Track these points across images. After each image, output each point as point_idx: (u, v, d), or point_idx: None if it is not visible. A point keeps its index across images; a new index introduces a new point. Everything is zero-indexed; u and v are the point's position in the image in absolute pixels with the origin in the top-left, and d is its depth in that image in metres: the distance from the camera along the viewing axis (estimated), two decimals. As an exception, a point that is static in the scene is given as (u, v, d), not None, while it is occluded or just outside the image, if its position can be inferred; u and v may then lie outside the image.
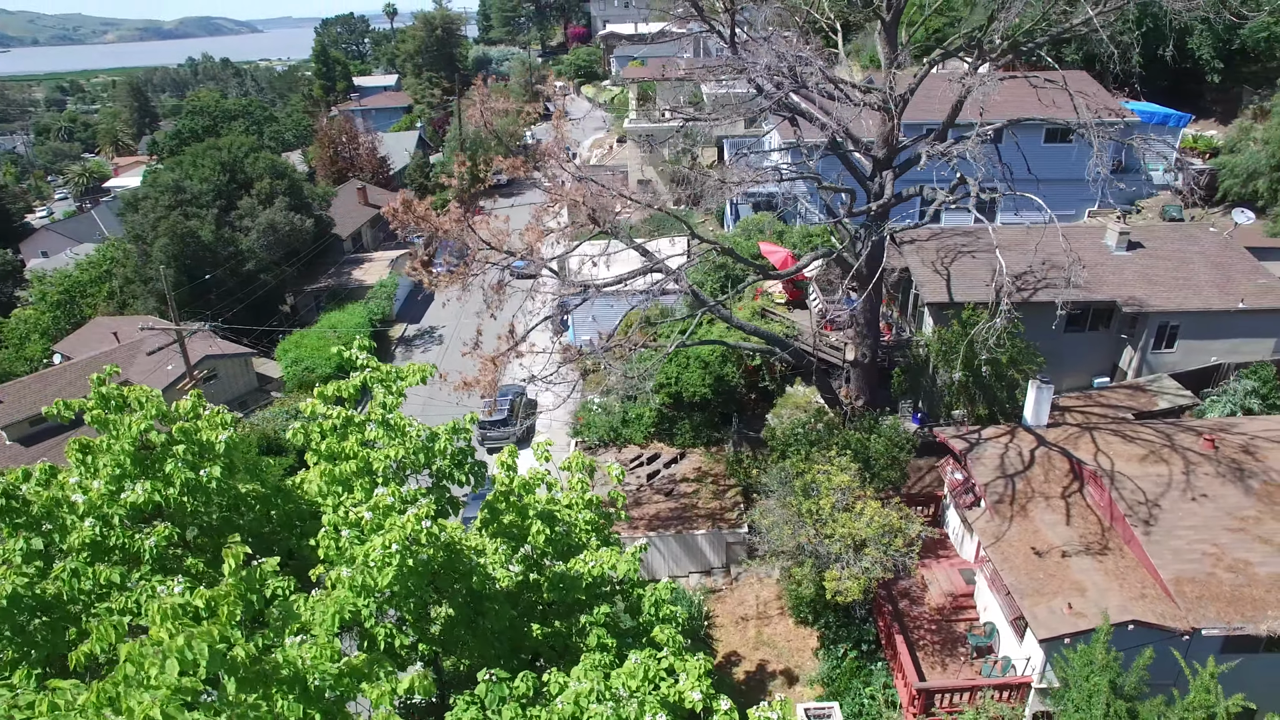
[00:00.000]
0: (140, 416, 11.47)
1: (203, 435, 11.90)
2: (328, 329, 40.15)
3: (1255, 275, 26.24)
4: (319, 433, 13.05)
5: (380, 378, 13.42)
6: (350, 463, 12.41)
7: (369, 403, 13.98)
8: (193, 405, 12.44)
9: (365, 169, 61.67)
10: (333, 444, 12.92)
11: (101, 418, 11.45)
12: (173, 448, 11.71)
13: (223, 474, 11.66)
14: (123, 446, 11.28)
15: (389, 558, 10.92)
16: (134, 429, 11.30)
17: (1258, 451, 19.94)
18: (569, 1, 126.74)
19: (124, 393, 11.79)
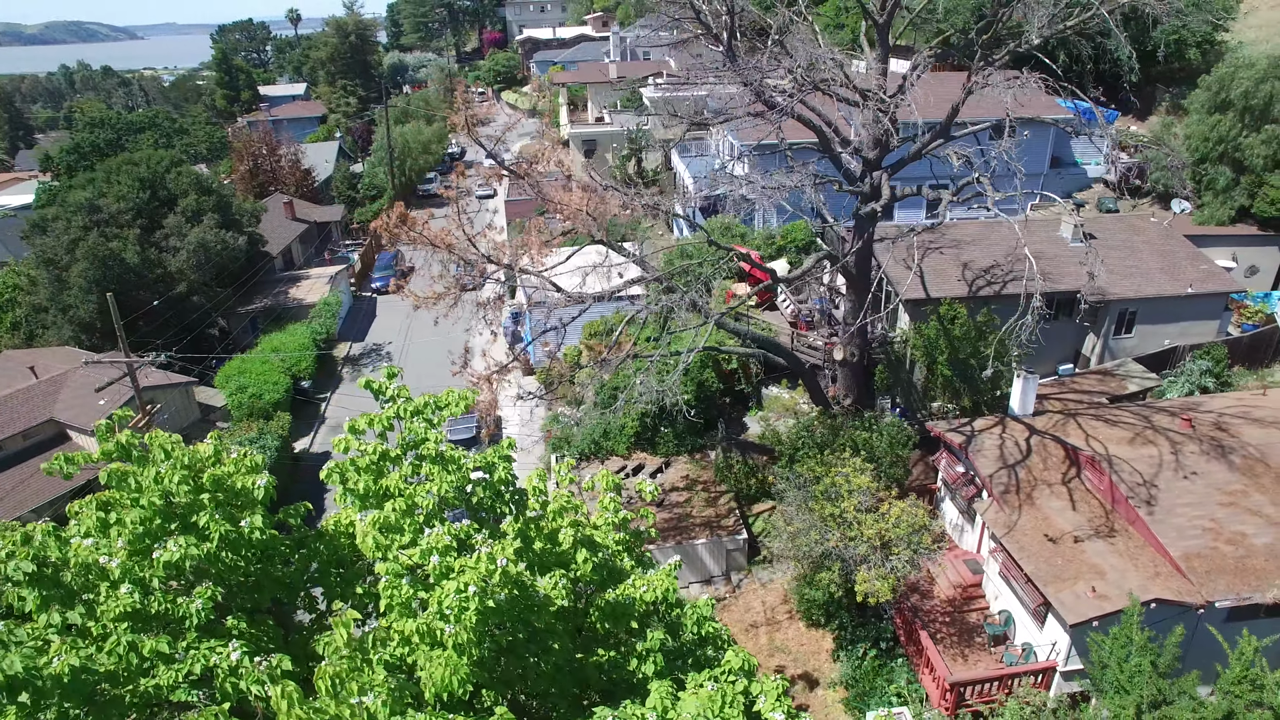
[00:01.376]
0: (169, 467, 10.25)
1: (235, 482, 10.76)
2: (270, 352, 37.87)
3: (1197, 261, 27.94)
4: (354, 470, 12.00)
5: (417, 408, 12.44)
6: (398, 501, 11.44)
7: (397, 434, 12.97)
8: (215, 450, 11.24)
9: (289, 182, 58.67)
10: (368, 483, 11.91)
11: (122, 471, 10.16)
12: (198, 495, 10.55)
13: (265, 523, 10.57)
14: (150, 501, 10.05)
15: (465, 602, 10.10)
16: (165, 482, 10.08)
17: (1230, 427, 21.12)
18: (483, 6, 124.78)
19: (147, 440, 10.53)
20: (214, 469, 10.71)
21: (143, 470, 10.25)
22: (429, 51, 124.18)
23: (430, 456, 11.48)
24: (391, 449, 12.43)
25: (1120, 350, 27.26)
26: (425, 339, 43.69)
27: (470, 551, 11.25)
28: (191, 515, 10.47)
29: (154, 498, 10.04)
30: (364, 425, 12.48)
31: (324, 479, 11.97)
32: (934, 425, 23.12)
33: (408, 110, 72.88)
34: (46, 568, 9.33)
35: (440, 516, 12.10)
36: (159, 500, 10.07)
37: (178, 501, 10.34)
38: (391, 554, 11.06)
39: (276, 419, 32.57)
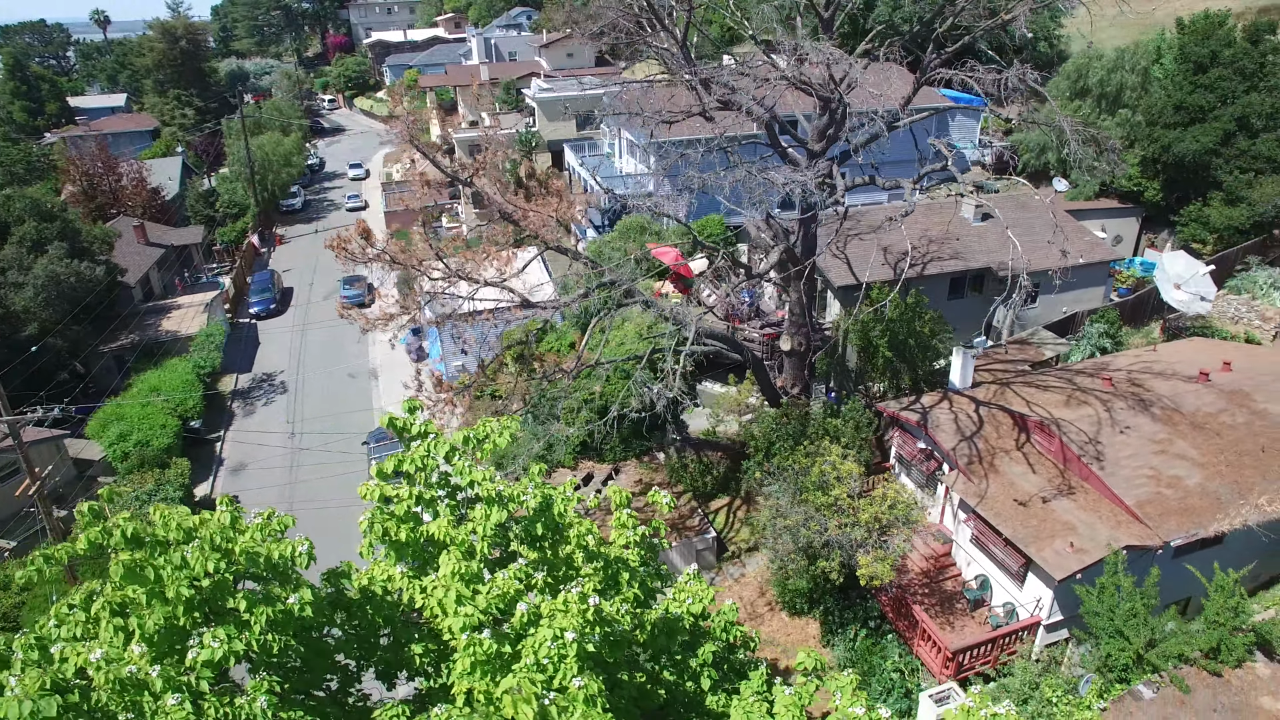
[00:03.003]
0: (196, 550, 8.68)
1: (270, 551, 9.31)
2: (149, 392, 33.81)
3: (1082, 234, 30.67)
4: (393, 520, 10.70)
5: (454, 444, 11.26)
6: (454, 550, 10.29)
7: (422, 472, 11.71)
8: (232, 516, 9.70)
9: (133, 203, 52.65)
10: (409, 532, 10.67)
11: (136, 563, 8.50)
12: (228, 576, 9.05)
13: (315, 597, 9.22)
14: (178, 593, 8.46)
15: (563, 649, 9.24)
16: (194, 567, 8.52)
17: (1142, 383, 23.27)
18: (324, 9, 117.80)
19: (156, 519, 8.87)
20: (243, 541, 9.21)
21: (163, 558, 8.63)
22: (267, 57, 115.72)
23: (489, 498, 10.36)
24: (422, 490, 11.22)
25: (1028, 320, 29.47)
26: (318, 365, 40.68)
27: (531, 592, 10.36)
28: (221, 598, 8.96)
29: (182, 588, 8.46)
30: (390, 468, 11.21)
31: (364, 531, 10.58)
32: (885, 406, 23.96)
33: (260, 120, 67.43)
34: (71, 694, 7.60)
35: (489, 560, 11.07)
36: (188, 591, 8.50)
37: (203, 586, 8.80)
38: (457, 604, 9.95)
39: (174, 466, 29.09)
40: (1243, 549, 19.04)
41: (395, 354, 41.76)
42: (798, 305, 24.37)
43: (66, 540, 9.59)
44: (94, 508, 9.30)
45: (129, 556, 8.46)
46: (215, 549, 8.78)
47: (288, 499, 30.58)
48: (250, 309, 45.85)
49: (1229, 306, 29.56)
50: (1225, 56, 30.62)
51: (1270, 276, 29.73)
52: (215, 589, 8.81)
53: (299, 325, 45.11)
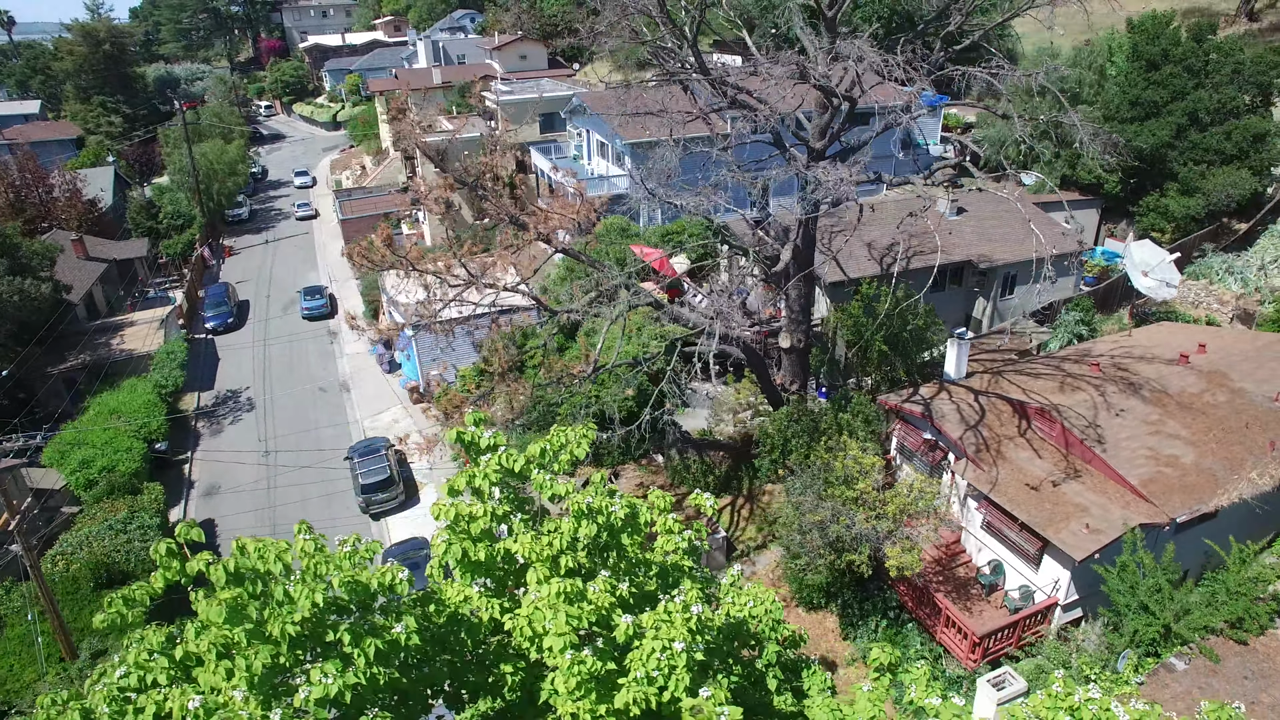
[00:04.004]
0: (300, 584, 8.12)
1: (370, 580, 8.80)
2: (108, 415, 31.98)
3: (1053, 226, 31.79)
4: (470, 540, 10.24)
5: (532, 456, 10.85)
6: (540, 566, 9.92)
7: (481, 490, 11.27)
8: (316, 544, 9.15)
9: (68, 216, 49.77)
10: (484, 551, 10.23)
11: (238, 602, 7.92)
12: (329, 607, 8.52)
13: (420, 625, 8.77)
14: (285, 631, 7.91)
15: (673, 660, 9.02)
16: (301, 603, 7.96)
17: (1128, 366, 24.22)
18: (255, 12, 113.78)
19: (253, 553, 8.27)
20: (344, 571, 8.67)
21: (267, 596, 8.06)
22: (196, 62, 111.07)
23: (580, 511, 10.00)
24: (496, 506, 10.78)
25: (1006, 310, 30.39)
26: (285, 379, 39.20)
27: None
28: (321, 632, 8.43)
29: (288, 626, 7.91)
30: (462, 484, 10.75)
31: (442, 556, 10.07)
32: (886, 399, 24.33)
33: (200, 128, 64.62)
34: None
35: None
36: (294, 628, 7.95)
37: (308, 620, 8.26)
38: (546, 623, 9.57)
39: (147, 491, 27.55)
40: (1235, 520, 19.97)
41: (365, 366, 40.54)
42: (798, 303, 24.54)
43: (144, 582, 8.87)
44: (170, 546, 8.64)
45: (230, 595, 7.85)
46: (319, 580, 8.24)
47: (270, 521, 29.33)
48: (206, 324, 43.84)
49: (1189, 292, 31.06)
50: (1175, 54, 32.23)
51: (1225, 262, 31.37)
52: (316, 623, 8.27)
53: (260, 339, 43.34)
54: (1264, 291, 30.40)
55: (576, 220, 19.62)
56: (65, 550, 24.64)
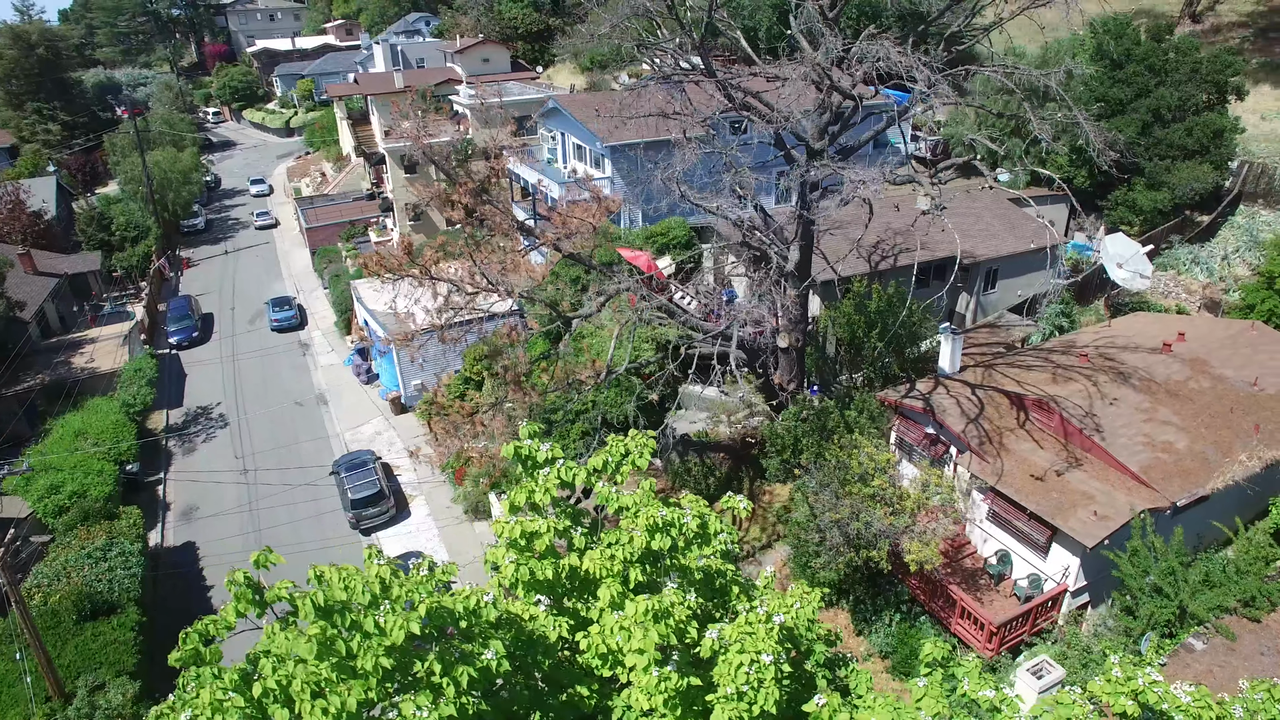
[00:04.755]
0: (391, 615, 7.75)
1: (454, 605, 8.46)
2: (74, 437, 30.52)
3: (1028, 221, 32.59)
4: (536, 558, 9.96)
5: (596, 467, 10.61)
6: (612, 582, 9.68)
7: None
8: (391, 569, 8.77)
9: (12, 229, 47.44)
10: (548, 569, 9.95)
11: (327, 638, 7.52)
12: (421, 635, 8.15)
13: (509, 649, 8.49)
14: (378, 665, 7.54)
15: (761, 673, 8.89)
16: (393, 634, 7.60)
17: (1113, 357, 24.92)
18: (198, 16, 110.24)
19: (339, 584, 7.87)
20: (431, 598, 8.30)
21: (357, 629, 7.68)
22: (136, 67, 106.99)
23: (654, 525, 9.79)
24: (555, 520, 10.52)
25: (989, 305, 31.03)
26: (258, 394, 37.99)
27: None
28: (407, 662, 8.08)
29: (381, 659, 7.54)
30: (522, 500, 10.46)
31: (514, 576, 9.75)
32: (885, 395, 24.59)
33: (149, 135, 62.27)
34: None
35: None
36: (388, 661, 7.58)
37: (401, 649, 7.90)
38: (638, 641, 9.34)
39: (125, 516, 26.33)
40: (1226, 501, 20.67)
41: (341, 377, 39.54)
42: (795, 302, 24.64)
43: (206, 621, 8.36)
44: (245, 574, 8.19)
45: (319, 629, 7.43)
46: (414, 610, 7.87)
47: (256, 541, 28.30)
48: (170, 338, 42.21)
49: (1159, 282, 32.15)
50: (1137, 54, 33.34)
51: (1191, 253, 32.57)
52: (403, 653, 7.91)
53: (227, 353, 41.91)
54: (1228, 280, 31.65)
55: (594, 224, 19.35)
56: (40, 582, 23.41)
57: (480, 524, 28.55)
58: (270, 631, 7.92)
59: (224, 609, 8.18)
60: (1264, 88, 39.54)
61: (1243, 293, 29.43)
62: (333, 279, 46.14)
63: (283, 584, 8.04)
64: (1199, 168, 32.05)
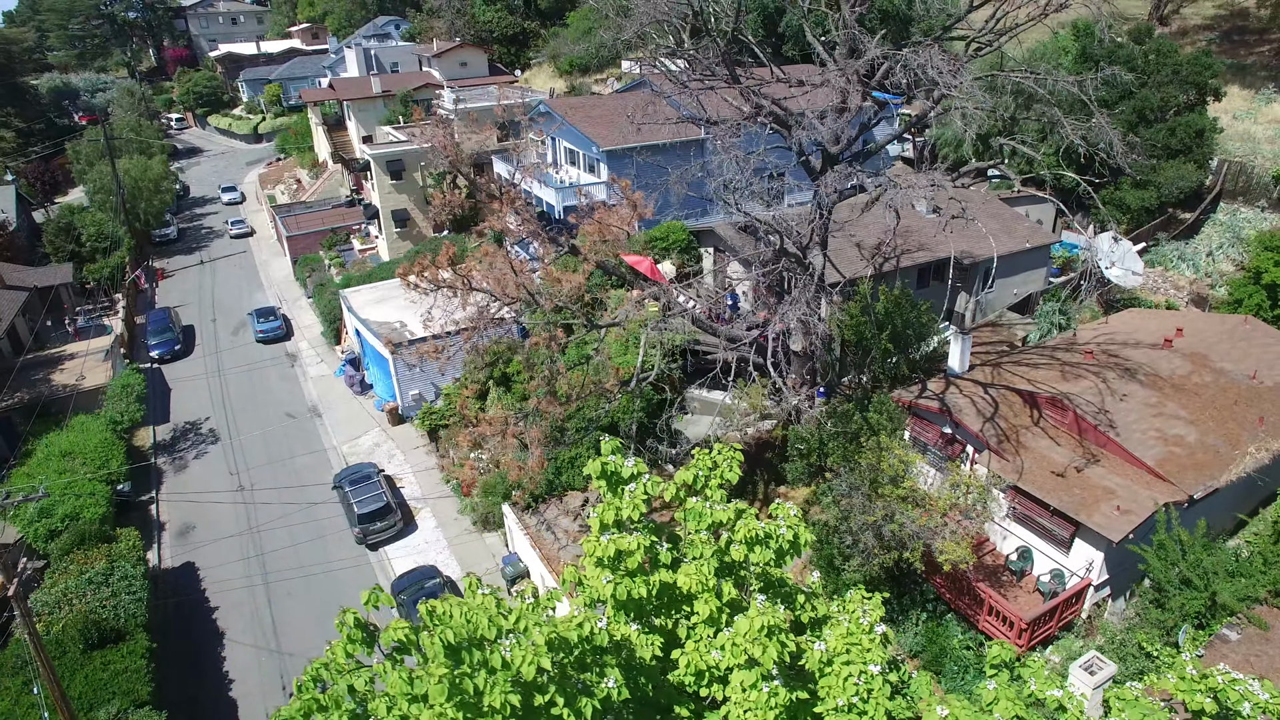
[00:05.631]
0: (518, 649, 7.52)
1: (569, 633, 8.26)
2: (60, 458, 29.45)
3: (1021, 221, 33.19)
4: (629, 578, 9.79)
5: (687, 482, 10.45)
6: (709, 598, 9.55)
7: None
8: (496, 598, 8.51)
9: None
10: (642, 587, 9.79)
11: (457, 678, 7.27)
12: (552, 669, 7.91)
13: (625, 677, 8.33)
14: (504, 702, 7.31)
15: (870, 683, 8.87)
16: (522, 669, 7.37)
17: (1118, 353, 25.47)
18: (157, 19, 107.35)
19: (466, 613, 7.60)
20: (547, 627, 8.08)
21: (483, 666, 7.42)
22: (91, 71, 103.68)
23: (754, 538, 9.68)
24: (641, 537, 10.35)
25: (987, 305, 31.52)
26: (248, 407, 37.05)
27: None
28: (529, 697, 7.86)
29: (510, 696, 7.31)
30: (610, 519, 10.28)
31: (612, 597, 9.54)
32: (899, 395, 24.79)
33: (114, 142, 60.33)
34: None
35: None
36: (515, 697, 7.35)
37: (528, 683, 7.67)
38: (729, 661, 9.23)
39: (123, 538, 25.44)
40: (1235, 491, 21.24)
41: (333, 388, 38.75)
42: (809, 305, 24.70)
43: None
44: (356, 616, 7.88)
45: (447, 670, 7.15)
46: (545, 644, 7.63)
47: (259, 560, 27.61)
48: (151, 352, 40.93)
49: (1147, 279, 32.96)
50: (1121, 56, 34.19)
51: (1177, 249, 33.46)
52: (528, 688, 7.68)
53: (212, 366, 40.80)
54: (1214, 276, 32.59)
55: (627, 230, 19.18)
56: (40, 610, 22.50)
57: (490, 535, 28.15)
58: (381, 671, 7.64)
59: (331, 649, 7.85)
60: (1233, 88, 40.82)
61: (1230, 288, 30.31)
62: (317, 288, 45.21)
63: (398, 624, 7.73)
64: (1183, 167, 32.95)
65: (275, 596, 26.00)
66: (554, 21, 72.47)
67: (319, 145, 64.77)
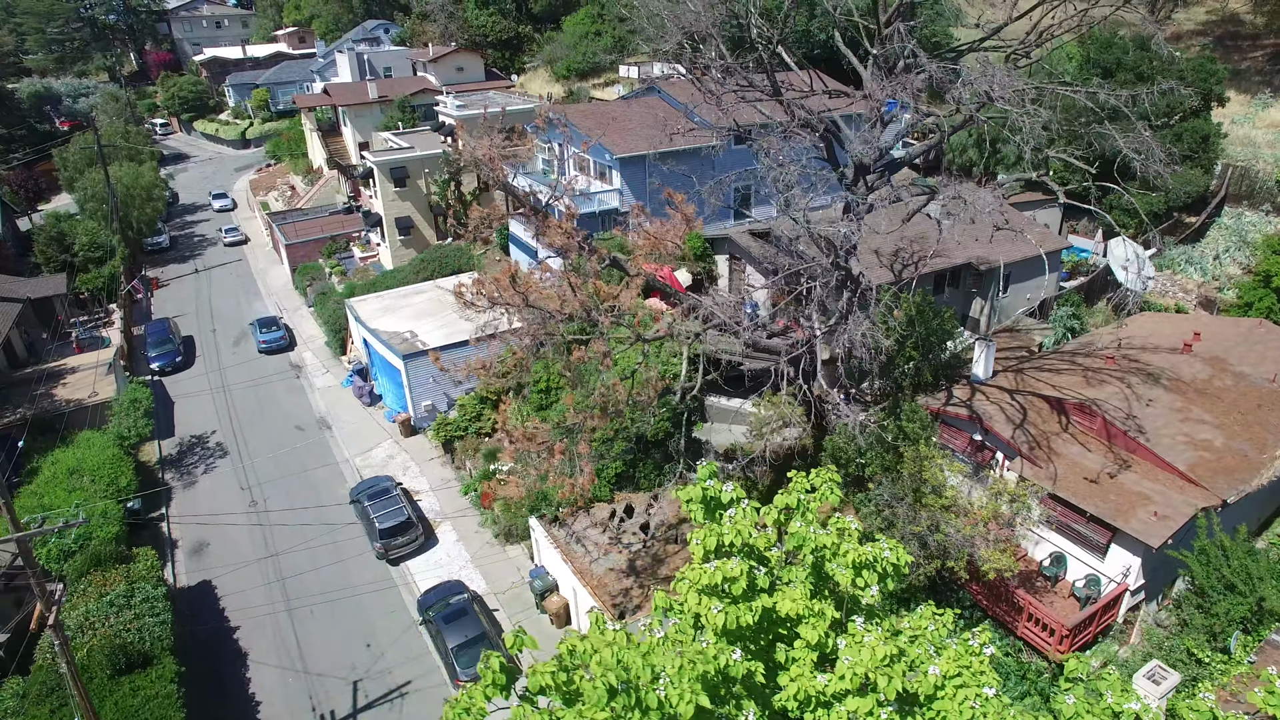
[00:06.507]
0: (675, 687, 7.36)
1: (707, 669, 8.11)
2: (67, 475, 28.81)
3: (1033, 225, 33.45)
4: (732, 601, 9.67)
5: (789, 505, 10.35)
6: (816, 622, 9.46)
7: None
8: (627, 635, 8.34)
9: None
10: (746, 614, 9.65)
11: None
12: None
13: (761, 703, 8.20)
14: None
15: (985, 706, 8.81)
16: (679, 708, 7.21)
17: (1138, 357, 25.74)
18: (139, 22, 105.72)
19: (616, 650, 7.45)
20: (696, 664, 7.90)
21: (636, 707, 7.28)
22: (71, 75, 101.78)
23: (862, 563, 9.60)
24: (743, 563, 10.21)
25: (1001, 309, 31.75)
26: (255, 420, 36.50)
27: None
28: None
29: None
30: (713, 545, 10.15)
31: (722, 625, 9.37)
32: (926, 403, 24.87)
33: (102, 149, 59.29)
34: None
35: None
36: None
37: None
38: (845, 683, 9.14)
39: (141, 557, 24.91)
40: (1261, 493, 21.50)
41: (341, 399, 38.27)
42: (841, 314, 24.71)
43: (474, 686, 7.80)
44: (500, 660, 7.68)
45: (609, 716, 6.98)
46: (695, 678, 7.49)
47: (278, 577, 27.15)
48: (151, 364, 40.19)
49: (1156, 282, 33.36)
50: (1127, 62, 34.61)
51: (1184, 253, 33.91)
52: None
53: (216, 378, 40.14)
54: (1221, 279, 33.05)
55: (681, 246, 19.05)
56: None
57: (513, 548, 27.89)
58: (520, 715, 7.46)
59: (468, 691, 7.63)
60: (1230, 93, 41.47)
61: (1239, 291, 30.75)
62: (319, 297, 44.66)
63: (544, 666, 7.56)
64: (1190, 171, 33.38)
65: (297, 615, 25.57)
66: (548, 26, 72.20)
67: (313, 151, 64.04)
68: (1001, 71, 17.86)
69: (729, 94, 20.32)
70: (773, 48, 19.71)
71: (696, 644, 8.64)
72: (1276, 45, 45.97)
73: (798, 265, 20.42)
